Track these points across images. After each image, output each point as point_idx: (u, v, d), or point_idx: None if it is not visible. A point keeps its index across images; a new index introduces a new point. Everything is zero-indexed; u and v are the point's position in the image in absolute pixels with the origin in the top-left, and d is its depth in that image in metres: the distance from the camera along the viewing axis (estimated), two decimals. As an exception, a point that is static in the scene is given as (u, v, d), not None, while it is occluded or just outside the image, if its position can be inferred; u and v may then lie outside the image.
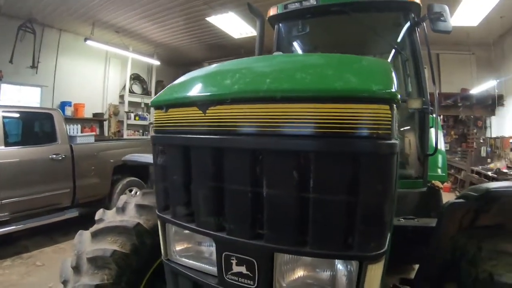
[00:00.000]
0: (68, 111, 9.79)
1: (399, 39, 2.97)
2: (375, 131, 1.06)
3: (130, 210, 2.14)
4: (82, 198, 5.78)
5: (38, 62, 8.98)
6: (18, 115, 5.73)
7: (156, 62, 12.17)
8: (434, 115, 2.64)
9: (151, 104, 1.56)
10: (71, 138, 6.00)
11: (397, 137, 1.27)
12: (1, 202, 4.66)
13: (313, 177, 1.10)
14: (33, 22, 8.43)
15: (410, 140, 2.80)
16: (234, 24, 8.64)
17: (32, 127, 5.95)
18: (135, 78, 12.43)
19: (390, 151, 1.09)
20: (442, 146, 3.66)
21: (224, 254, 1.30)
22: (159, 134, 1.50)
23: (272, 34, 3.41)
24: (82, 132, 9.70)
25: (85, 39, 9.00)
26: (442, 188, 2.65)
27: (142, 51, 11.62)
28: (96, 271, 1.85)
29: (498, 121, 11.05)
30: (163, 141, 1.51)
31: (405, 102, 2.52)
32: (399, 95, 1.11)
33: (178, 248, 1.55)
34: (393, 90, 1.09)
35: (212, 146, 1.28)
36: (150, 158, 1.66)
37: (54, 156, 5.33)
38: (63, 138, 5.59)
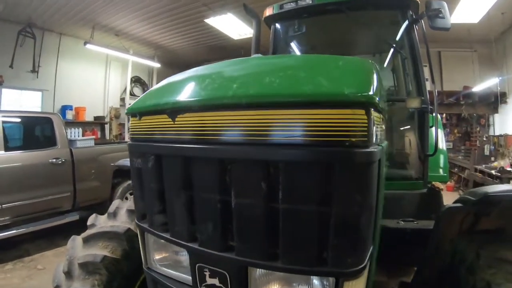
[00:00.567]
0: (69, 115, 9.84)
1: (397, 38, 2.93)
2: (348, 139, 0.98)
3: (122, 215, 2.13)
4: (82, 202, 5.78)
5: (39, 66, 9.02)
6: (17, 120, 5.74)
7: (156, 65, 12.19)
8: (434, 114, 2.60)
9: (126, 111, 1.54)
10: (71, 142, 6.02)
11: (382, 142, 1.23)
12: (1, 207, 4.67)
13: (281, 188, 1.04)
14: (32, 27, 8.48)
15: (411, 139, 2.76)
16: (233, 25, 8.65)
17: (32, 132, 5.95)
18: (136, 80, 12.47)
19: (367, 160, 1.02)
20: (443, 145, 3.61)
21: (197, 265, 1.28)
22: (134, 142, 1.49)
23: (269, 34, 3.39)
24: (83, 135, 9.79)
25: (84, 43, 9.03)
26: (442, 189, 2.60)
27: (143, 54, 11.65)
28: (87, 277, 1.84)
29: (501, 118, 10.97)
30: (137, 149, 1.49)
31: (403, 102, 2.49)
32: (378, 98, 1.04)
33: (157, 257, 1.53)
34: (370, 92, 1.02)
35: (181, 155, 1.25)
36: None
37: (54, 160, 5.32)
38: (63, 142, 5.58)
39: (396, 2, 2.78)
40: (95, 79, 11.14)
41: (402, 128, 2.88)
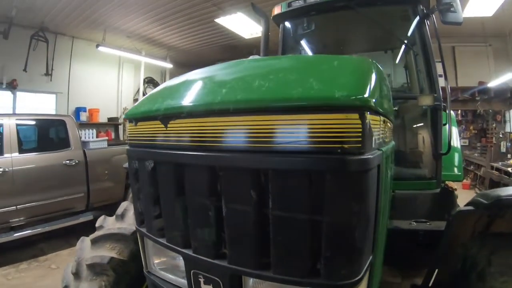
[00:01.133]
0: (83, 117, 9.96)
1: (409, 34, 2.87)
2: (340, 145, 0.91)
3: (129, 217, 2.14)
4: (96, 202, 5.87)
5: (52, 69, 9.16)
6: (31, 123, 5.86)
7: (168, 65, 12.22)
8: (448, 112, 2.53)
9: (124, 117, 1.55)
10: (85, 144, 6.09)
11: (383, 145, 1.17)
12: (16, 208, 4.78)
13: (271, 196, 1.01)
14: (45, 31, 8.60)
15: (424, 138, 2.69)
16: (243, 24, 8.61)
17: (45, 134, 6.05)
18: (149, 81, 12.55)
19: (362, 168, 0.95)
20: (457, 143, 3.52)
21: (192, 272, 1.27)
22: (132, 147, 1.49)
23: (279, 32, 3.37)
24: (97, 136, 9.90)
25: (97, 45, 9.11)
26: (456, 189, 2.54)
27: (155, 55, 11.69)
28: (94, 277, 1.86)
29: (517, 115, 10.65)
30: (134, 154, 1.49)
31: (415, 99, 2.44)
32: (375, 99, 0.98)
33: (156, 261, 1.53)
34: (365, 95, 0.95)
35: (172, 161, 1.24)
36: None
37: (68, 161, 5.42)
38: (76, 143, 5.66)
39: None
40: (108, 81, 11.25)
41: (414, 126, 2.82)
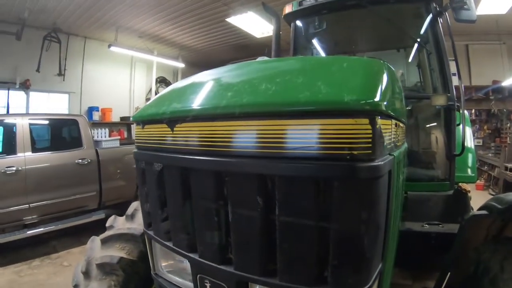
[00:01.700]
0: (96, 116, 10.09)
1: (422, 32, 2.82)
2: (349, 152, 0.88)
3: (139, 217, 2.15)
4: (108, 201, 5.94)
5: (65, 69, 9.30)
6: (44, 122, 5.95)
7: (180, 65, 12.25)
8: (461, 111, 2.48)
9: (132, 119, 1.54)
10: (97, 143, 6.17)
11: (395, 150, 1.14)
12: (29, 206, 4.86)
13: (277, 202, 0.98)
14: (57, 32, 8.73)
15: (437, 138, 2.64)
16: (254, 23, 8.60)
17: (58, 133, 6.13)
18: (161, 81, 12.63)
19: (372, 175, 0.91)
20: (471, 143, 3.45)
21: (198, 276, 1.26)
22: (139, 150, 1.49)
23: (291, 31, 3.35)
24: (110, 135, 10.03)
25: (109, 46, 9.22)
26: (470, 191, 2.48)
27: (167, 54, 11.75)
28: (104, 277, 1.88)
29: (532, 114, 10.39)
30: (141, 157, 1.49)
31: (429, 99, 2.40)
32: (386, 103, 0.95)
33: (164, 263, 1.53)
34: (375, 98, 0.91)
35: (178, 165, 1.23)
36: None
37: (80, 160, 5.49)
38: (89, 143, 5.73)
39: None
40: (121, 80, 11.36)
41: (428, 126, 2.77)
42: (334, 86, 0.97)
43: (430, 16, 2.62)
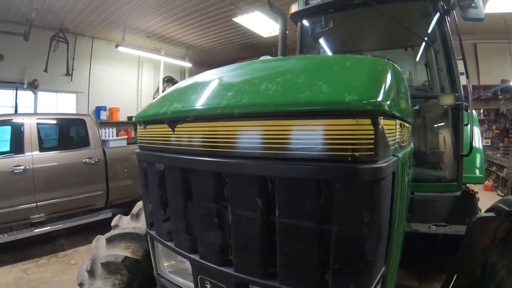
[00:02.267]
0: (103, 115, 10.18)
1: (429, 30, 2.79)
2: (351, 153, 0.86)
3: (144, 217, 2.14)
4: (115, 200, 5.97)
5: (73, 69, 9.39)
6: (51, 122, 6.01)
7: (188, 64, 12.28)
8: (469, 111, 2.45)
9: (134, 119, 1.54)
10: (104, 142, 6.22)
11: (399, 151, 1.12)
12: (37, 205, 4.91)
13: (277, 204, 0.97)
14: (65, 32, 8.82)
15: (445, 138, 2.61)
16: (261, 23, 8.60)
17: (65, 133, 6.20)
18: (168, 80, 12.66)
19: (374, 177, 0.89)
20: (479, 144, 3.40)
21: (199, 277, 1.26)
22: (141, 150, 1.49)
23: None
24: (117, 135, 10.09)
25: (116, 46, 9.28)
26: (478, 192, 2.45)
27: (174, 54, 11.79)
28: (108, 276, 1.89)
29: (542, 114, 10.21)
30: (143, 157, 1.48)
31: (436, 98, 2.37)
32: (389, 102, 0.93)
33: (166, 263, 1.53)
34: (378, 98, 0.89)
35: (179, 166, 1.23)
36: None
37: (88, 160, 5.53)
38: (96, 142, 5.77)
39: None
40: (128, 80, 11.43)
41: (435, 126, 2.74)
42: (336, 86, 0.95)
43: (438, 14, 2.58)
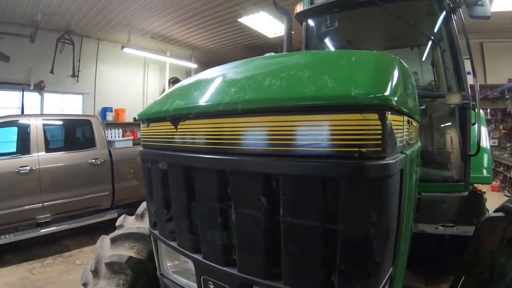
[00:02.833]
0: (109, 116, 10.24)
1: (435, 29, 2.76)
2: (357, 149, 0.83)
3: (149, 217, 2.15)
4: (121, 200, 6.00)
5: (79, 71, 9.45)
6: (57, 123, 6.05)
7: (193, 66, 12.28)
8: (477, 110, 2.42)
9: (137, 118, 1.53)
10: (110, 143, 6.24)
11: (407, 148, 1.09)
12: (43, 205, 4.94)
13: (282, 202, 0.94)
14: (71, 34, 8.88)
15: (452, 138, 2.58)
16: (267, 23, 8.59)
17: (71, 134, 6.23)
18: (174, 81, 12.67)
19: (382, 174, 0.86)
20: (487, 143, 3.36)
21: (202, 277, 1.24)
22: (144, 148, 1.48)
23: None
24: (123, 136, 10.14)
25: (122, 47, 9.34)
26: (485, 192, 2.41)
27: (180, 55, 11.82)
28: (113, 276, 1.88)
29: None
30: (147, 156, 1.47)
31: (443, 98, 2.34)
32: (397, 98, 0.89)
33: (169, 264, 1.52)
34: (385, 93, 0.86)
35: (181, 164, 1.22)
36: None
37: (93, 160, 5.56)
38: (102, 143, 5.80)
39: None
40: (134, 81, 11.48)
41: (442, 125, 2.71)
42: (342, 80, 0.92)
43: (444, 12, 2.55)
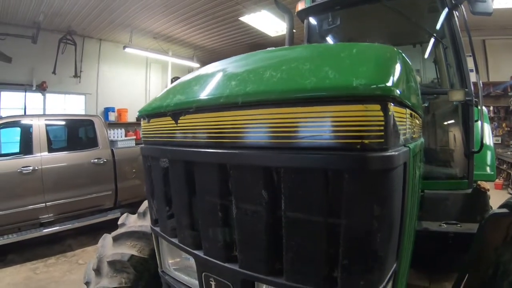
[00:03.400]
0: (112, 116, 10.27)
1: (437, 26, 2.74)
2: (359, 141, 0.82)
3: (151, 215, 2.14)
4: (124, 200, 6.00)
5: (81, 71, 9.50)
6: (60, 123, 6.07)
7: (195, 65, 12.25)
8: (480, 107, 2.40)
9: (138, 114, 1.52)
10: (112, 143, 6.27)
11: (410, 141, 1.08)
12: (45, 205, 4.96)
13: (283, 196, 0.93)
14: (73, 34, 8.92)
15: (455, 135, 2.57)
16: (268, 22, 8.59)
17: (74, 134, 6.25)
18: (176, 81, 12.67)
19: (385, 166, 0.85)
20: (490, 141, 3.34)
21: (203, 274, 1.23)
22: (145, 145, 1.47)
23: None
24: (126, 136, 10.15)
25: (124, 47, 9.36)
26: (489, 189, 2.40)
27: (182, 55, 11.84)
28: (115, 274, 1.88)
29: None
30: (147, 152, 1.47)
31: (446, 94, 2.33)
32: (399, 89, 0.88)
33: (170, 261, 1.51)
34: (388, 83, 0.84)
35: (181, 159, 1.21)
36: None
37: (96, 160, 5.57)
38: (104, 143, 5.81)
39: None
40: (136, 81, 11.51)
41: (445, 122, 2.70)
42: (343, 71, 0.91)
43: (446, 9, 2.54)
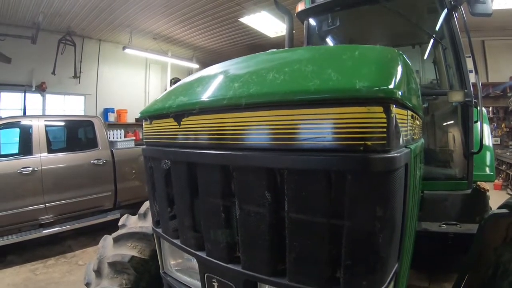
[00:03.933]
0: (111, 117, 10.25)
1: (437, 27, 2.75)
2: (362, 142, 0.83)
3: (151, 216, 2.14)
4: (123, 201, 5.99)
5: (80, 72, 9.47)
6: (59, 124, 6.06)
7: (195, 66, 12.24)
8: (479, 108, 2.41)
9: (140, 115, 1.52)
10: (112, 143, 6.24)
11: (411, 143, 1.09)
12: (45, 206, 4.95)
13: (286, 198, 0.94)
14: (72, 35, 8.89)
15: (454, 136, 2.58)
16: (268, 23, 8.59)
17: (73, 135, 6.24)
18: (176, 82, 12.29)
19: (387, 167, 0.86)
20: (489, 141, 3.35)
21: (206, 275, 1.23)
22: (147, 146, 1.47)
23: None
24: (125, 136, 10.11)
25: (123, 48, 9.35)
26: (488, 190, 2.41)
27: (181, 56, 11.82)
28: (115, 275, 1.88)
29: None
30: (149, 153, 1.47)
31: (445, 95, 2.34)
32: (401, 91, 0.89)
33: (172, 262, 1.51)
34: (390, 85, 0.85)
35: (184, 160, 1.21)
36: None
37: (96, 161, 5.56)
38: (104, 144, 5.80)
39: None
40: (136, 82, 11.49)
41: (444, 123, 2.71)
42: (346, 74, 0.91)
43: (445, 10, 2.54)
